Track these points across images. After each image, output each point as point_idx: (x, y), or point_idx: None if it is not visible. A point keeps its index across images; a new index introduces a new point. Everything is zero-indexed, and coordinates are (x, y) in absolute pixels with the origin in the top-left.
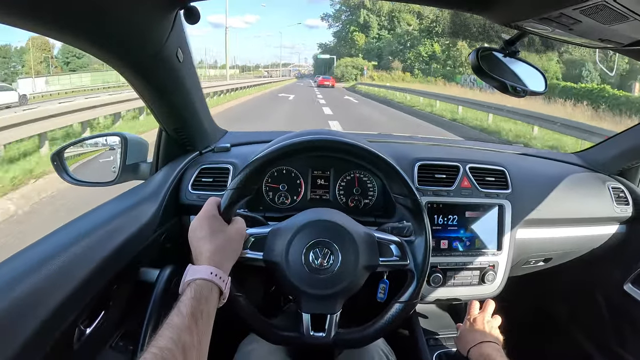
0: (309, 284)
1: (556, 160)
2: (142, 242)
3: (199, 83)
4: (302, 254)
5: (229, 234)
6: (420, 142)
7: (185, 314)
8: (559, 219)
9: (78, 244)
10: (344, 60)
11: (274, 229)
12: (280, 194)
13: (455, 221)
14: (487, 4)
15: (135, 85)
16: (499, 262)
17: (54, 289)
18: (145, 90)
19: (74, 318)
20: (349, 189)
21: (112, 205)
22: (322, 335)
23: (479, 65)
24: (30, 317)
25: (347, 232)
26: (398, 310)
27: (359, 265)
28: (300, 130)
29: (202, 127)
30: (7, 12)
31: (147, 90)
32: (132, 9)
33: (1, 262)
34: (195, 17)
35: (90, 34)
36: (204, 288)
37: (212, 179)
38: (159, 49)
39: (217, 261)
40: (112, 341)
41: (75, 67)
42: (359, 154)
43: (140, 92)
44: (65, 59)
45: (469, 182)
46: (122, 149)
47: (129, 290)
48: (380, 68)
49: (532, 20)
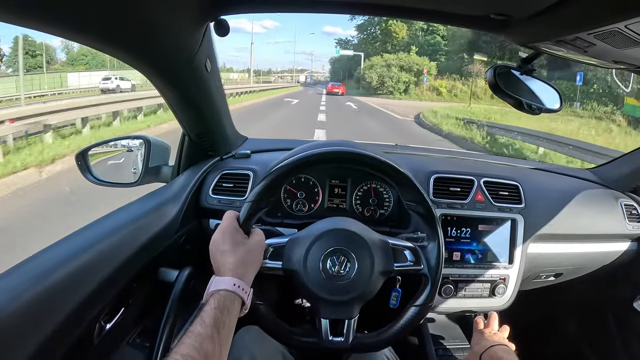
0: (327, 291)
1: (569, 176)
2: (163, 243)
3: (223, 92)
4: (320, 261)
5: (249, 246)
6: (436, 155)
7: (208, 323)
8: (571, 234)
9: (103, 242)
10: (378, 59)
11: (292, 238)
12: (298, 202)
13: (468, 234)
14: (505, 26)
15: (163, 92)
16: (510, 275)
17: (80, 285)
18: (173, 97)
19: (96, 313)
20: (366, 199)
21: (137, 206)
22: (341, 340)
23: (495, 82)
24: (56, 312)
25: (363, 239)
26: (413, 314)
27: (375, 271)
28: (319, 141)
29: (224, 134)
30: (49, 22)
31: (174, 97)
32: (166, 21)
33: (30, 256)
34: (225, 29)
35: (125, 43)
36: (227, 299)
37: (233, 185)
38: (190, 59)
39: (240, 273)
40: (129, 337)
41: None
42: (373, 164)
43: (167, 98)
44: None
45: (483, 196)
46: (145, 152)
47: (148, 289)
48: (443, 73)
49: (548, 42)
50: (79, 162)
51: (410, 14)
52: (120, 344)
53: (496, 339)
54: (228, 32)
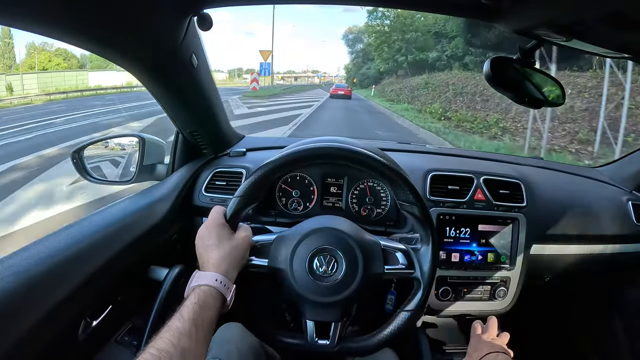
0: (313, 291)
1: (574, 174)
2: (153, 241)
3: (215, 89)
4: (307, 261)
5: (235, 241)
6: (434, 152)
7: (187, 319)
8: (576, 235)
9: (90, 239)
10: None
11: (279, 236)
12: (293, 200)
13: (467, 234)
14: (499, 10)
15: (150, 89)
16: (511, 277)
17: (62, 280)
18: (160, 93)
19: (80, 309)
20: (362, 197)
21: (127, 204)
22: (327, 343)
23: (492, 75)
24: (37, 306)
25: (352, 239)
26: (404, 319)
27: (364, 273)
28: (313, 138)
29: (218, 131)
30: (17, 16)
31: (161, 94)
32: (145, 15)
33: (17, 250)
34: (208, 23)
35: (103, 38)
36: (208, 295)
37: (226, 182)
38: (173, 55)
39: (224, 269)
40: (117, 335)
41: None
42: (365, 161)
43: (155, 95)
44: None
45: (483, 195)
46: (140, 150)
47: (137, 286)
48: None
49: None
50: (75, 160)
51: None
52: (108, 341)
53: (495, 345)
54: (211, 26)
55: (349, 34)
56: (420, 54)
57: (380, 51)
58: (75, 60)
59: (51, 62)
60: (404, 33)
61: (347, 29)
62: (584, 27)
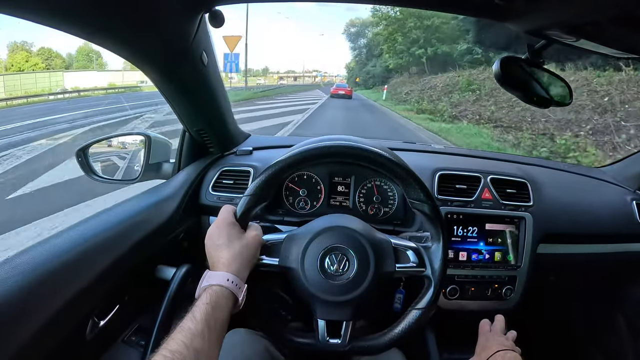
0: (325, 290)
1: (579, 174)
2: (160, 240)
3: (223, 87)
4: (318, 260)
5: (245, 240)
6: (441, 152)
7: (199, 319)
8: (582, 234)
9: (97, 238)
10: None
11: (289, 235)
12: (300, 199)
13: (474, 233)
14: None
15: (158, 86)
16: (517, 276)
17: (71, 280)
18: (168, 91)
19: (88, 309)
20: (370, 196)
21: (133, 203)
22: (338, 342)
23: (502, 74)
24: (44, 305)
25: (363, 238)
26: (415, 317)
27: (375, 272)
28: (321, 137)
29: (224, 130)
30: (37, 11)
31: (169, 91)
32: (157, 11)
33: (24, 249)
34: (220, 20)
35: (114, 34)
36: (220, 295)
37: (233, 181)
38: (184, 52)
39: (235, 268)
40: (125, 335)
41: None
42: (376, 160)
43: (163, 92)
44: None
45: (490, 194)
46: (146, 149)
47: (145, 286)
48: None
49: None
50: (80, 159)
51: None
52: (115, 341)
53: (503, 343)
54: (223, 23)
55: (351, 26)
56: (441, 46)
57: (392, 42)
58: (60, 60)
59: (28, 62)
60: (422, 19)
61: (349, 21)
62: (596, 28)
